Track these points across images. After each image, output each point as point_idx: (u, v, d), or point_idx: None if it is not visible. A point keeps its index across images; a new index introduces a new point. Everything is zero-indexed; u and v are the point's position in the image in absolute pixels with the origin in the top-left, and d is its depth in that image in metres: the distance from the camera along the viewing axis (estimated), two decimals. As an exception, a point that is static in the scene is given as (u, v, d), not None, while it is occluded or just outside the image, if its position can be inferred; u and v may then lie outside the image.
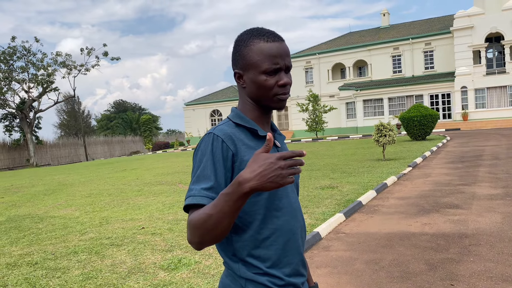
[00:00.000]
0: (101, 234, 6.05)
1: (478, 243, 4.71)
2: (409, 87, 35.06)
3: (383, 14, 44.37)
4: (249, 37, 1.28)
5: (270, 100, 1.29)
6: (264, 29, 1.30)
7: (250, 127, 1.28)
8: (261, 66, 1.25)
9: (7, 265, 4.88)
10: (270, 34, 1.28)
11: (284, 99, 1.29)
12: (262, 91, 1.27)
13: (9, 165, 37.77)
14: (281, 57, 1.26)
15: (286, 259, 1.27)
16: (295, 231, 1.30)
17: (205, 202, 1.14)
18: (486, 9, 32.48)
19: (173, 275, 4.16)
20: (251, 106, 1.32)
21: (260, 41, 1.26)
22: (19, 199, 11.02)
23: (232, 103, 45.35)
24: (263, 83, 1.26)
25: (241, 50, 1.28)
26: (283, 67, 1.27)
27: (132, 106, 70.59)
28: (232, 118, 1.30)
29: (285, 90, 1.28)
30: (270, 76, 1.26)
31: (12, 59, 37.54)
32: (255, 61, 1.26)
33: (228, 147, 1.21)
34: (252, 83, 1.27)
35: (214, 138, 1.22)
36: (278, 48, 1.26)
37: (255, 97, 1.30)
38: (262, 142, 1.29)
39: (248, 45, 1.27)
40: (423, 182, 9.10)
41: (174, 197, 8.99)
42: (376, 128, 13.41)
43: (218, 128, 1.25)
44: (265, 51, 1.25)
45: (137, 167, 18.71)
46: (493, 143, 17.24)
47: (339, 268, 4.31)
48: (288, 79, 1.28)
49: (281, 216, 1.27)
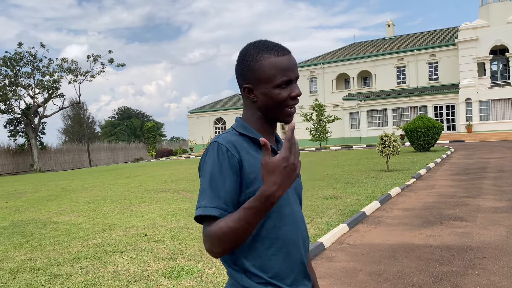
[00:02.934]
0: (104, 241, 6.05)
1: (483, 256, 4.67)
2: (413, 98, 35.05)
3: (388, 25, 44.53)
4: (257, 52, 1.29)
5: (281, 113, 1.31)
6: (270, 43, 1.32)
7: (253, 137, 1.30)
8: (274, 80, 1.27)
9: (10, 270, 4.88)
10: (279, 48, 1.30)
11: (293, 113, 1.31)
12: (274, 104, 1.29)
13: (13, 170, 37.90)
14: (292, 69, 1.29)
15: (288, 270, 1.27)
16: (297, 241, 1.30)
17: (216, 213, 1.17)
18: (491, 22, 32.55)
19: (176, 283, 4.14)
20: (258, 118, 1.33)
21: (271, 56, 1.28)
22: (23, 204, 11.04)
23: (236, 111, 45.45)
24: (276, 97, 1.28)
25: (251, 65, 1.29)
26: (294, 79, 1.30)
27: (136, 113, 70.85)
28: (236, 127, 1.32)
29: (295, 102, 1.31)
30: (283, 90, 1.28)
31: (19, 65, 37.84)
32: (269, 75, 1.27)
33: (233, 154, 1.23)
34: (265, 97, 1.29)
35: (219, 147, 1.24)
36: (288, 61, 1.29)
37: (266, 110, 1.31)
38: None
39: (258, 60, 1.28)
40: (427, 194, 9.06)
41: (177, 205, 8.99)
42: (380, 138, 13.40)
43: (222, 137, 1.27)
44: (278, 65, 1.27)
45: (141, 174, 18.73)
46: (498, 155, 17.17)
47: (342, 279, 4.28)
48: (299, 90, 1.31)
49: (283, 226, 1.27)
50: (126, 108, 70.94)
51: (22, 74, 38.27)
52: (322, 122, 34.21)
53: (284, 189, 1.08)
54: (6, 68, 37.17)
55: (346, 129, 39.01)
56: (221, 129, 47.20)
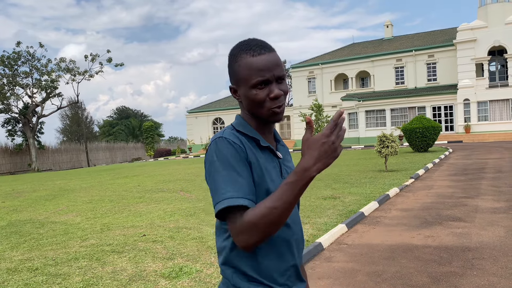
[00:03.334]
0: (102, 241, 6.03)
1: (482, 257, 4.67)
2: (411, 98, 35.11)
3: (387, 25, 44.61)
4: (238, 52, 1.28)
5: (265, 113, 1.27)
6: (252, 42, 1.29)
7: (253, 136, 1.28)
8: (249, 81, 1.25)
9: (8, 270, 4.86)
10: (257, 47, 1.26)
11: (279, 112, 1.27)
12: (255, 105, 1.27)
13: (11, 169, 37.81)
14: (268, 69, 1.24)
15: (279, 270, 1.26)
16: (291, 242, 1.28)
17: (246, 203, 1.14)
18: (490, 23, 32.62)
19: (174, 284, 4.13)
20: (250, 117, 1.33)
21: (247, 56, 1.25)
22: (20, 204, 11.01)
23: (234, 111, 45.44)
24: (253, 98, 1.25)
25: (233, 66, 1.29)
26: (273, 78, 1.25)
27: (134, 112, 70.78)
28: (236, 125, 1.31)
29: (278, 102, 1.26)
30: (260, 90, 1.25)
31: (17, 64, 37.76)
32: (244, 76, 1.26)
33: (241, 147, 1.22)
34: (245, 98, 1.28)
35: (225, 142, 1.22)
36: (264, 61, 1.24)
37: (250, 111, 1.30)
38: (263, 152, 1.29)
39: (237, 60, 1.27)
40: (425, 194, 9.07)
41: (176, 205, 8.97)
42: (379, 139, 13.40)
43: (226, 132, 1.27)
44: (252, 66, 1.24)
45: (139, 174, 18.71)
46: (496, 156, 17.20)
47: (341, 280, 4.27)
48: (279, 91, 1.25)
49: None
50: (124, 108, 70.87)
51: (20, 73, 38.20)
52: (320, 122, 34.22)
53: (322, 165, 1.09)
54: (4, 67, 37.09)
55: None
56: (219, 129, 47.07)
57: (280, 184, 1.17)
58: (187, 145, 46.82)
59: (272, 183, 1.25)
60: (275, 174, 1.30)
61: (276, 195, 1.11)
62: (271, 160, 1.31)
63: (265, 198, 1.15)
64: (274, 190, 1.24)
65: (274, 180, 1.27)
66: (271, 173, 1.27)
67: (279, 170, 1.32)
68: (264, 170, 1.25)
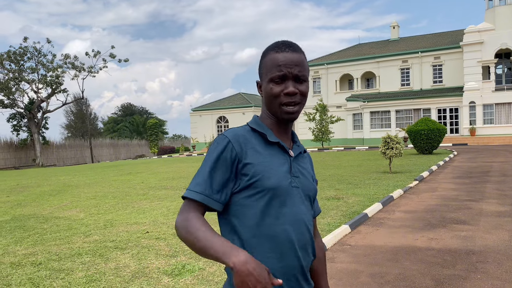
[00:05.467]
0: (106, 237, 6.05)
1: (486, 261, 4.65)
2: (417, 100, 34.97)
3: (393, 26, 44.44)
4: (267, 50, 1.35)
5: (278, 109, 1.32)
6: (282, 41, 1.35)
7: (261, 132, 1.32)
8: (268, 75, 1.31)
9: (11, 264, 4.88)
10: (284, 45, 1.33)
11: (291, 112, 1.30)
12: (270, 99, 1.32)
13: (15, 164, 37.99)
14: (286, 65, 1.29)
15: (282, 270, 1.24)
16: (294, 242, 1.26)
17: (197, 198, 1.23)
18: (497, 25, 32.44)
19: (176, 281, 4.13)
20: (267, 115, 1.37)
21: (272, 52, 1.32)
22: (25, 198, 11.06)
23: (239, 110, 45.44)
24: (270, 91, 1.31)
25: (260, 62, 1.37)
26: (290, 75, 1.29)
27: (139, 110, 70.92)
28: (250, 123, 1.37)
29: (290, 99, 1.29)
30: (277, 85, 1.30)
31: (23, 59, 37.91)
32: (265, 71, 1.33)
33: (233, 147, 1.26)
34: (264, 92, 1.34)
35: (222, 138, 1.29)
36: (285, 57, 1.30)
37: (268, 106, 1.35)
38: (272, 148, 1.31)
39: (264, 57, 1.35)
40: (429, 197, 9.03)
41: (179, 203, 8.98)
42: (383, 140, 13.36)
43: (231, 129, 1.32)
44: (273, 61, 1.31)
45: (142, 171, 18.74)
46: (501, 159, 17.11)
47: (344, 281, 4.26)
48: (293, 88, 1.29)
49: (280, 225, 1.25)
50: (129, 105, 71.02)
51: (26, 69, 38.35)
52: (325, 123, 34.16)
53: (241, 274, 1.05)
54: (10, 62, 37.25)
55: (349, 130, 38.95)
56: (223, 128, 47.18)
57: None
58: (191, 143, 46.84)
59: (274, 180, 1.26)
60: (282, 170, 1.30)
61: (206, 236, 1.15)
62: (280, 157, 1.32)
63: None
64: (274, 186, 1.26)
65: (277, 177, 1.27)
66: (275, 170, 1.28)
67: (289, 167, 1.32)
68: (268, 168, 1.26)
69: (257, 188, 1.24)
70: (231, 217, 1.27)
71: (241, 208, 1.26)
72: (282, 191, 1.26)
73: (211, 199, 1.24)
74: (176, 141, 70.42)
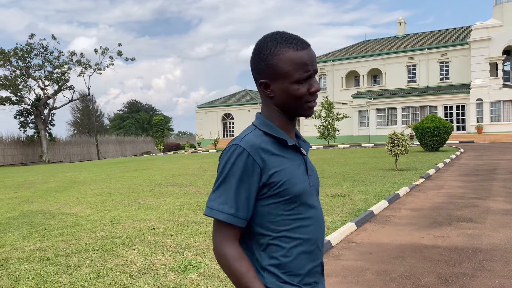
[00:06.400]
0: (112, 233, 6.08)
1: (492, 259, 4.63)
2: (423, 97, 34.77)
3: (400, 23, 44.15)
4: (275, 45, 1.22)
5: (301, 108, 1.27)
6: (289, 35, 1.25)
7: (279, 137, 1.25)
8: (293, 76, 1.22)
9: (19, 260, 4.93)
10: (299, 41, 1.24)
11: (314, 106, 1.28)
12: (293, 100, 1.25)
13: (22, 160, 38.28)
14: (312, 64, 1.25)
15: (309, 268, 1.26)
16: (319, 242, 1.29)
17: (221, 218, 1.19)
18: (505, 22, 32.13)
19: (183, 277, 4.16)
20: (278, 114, 1.29)
21: (290, 50, 1.22)
22: (32, 194, 11.14)
23: (244, 107, 45.44)
24: (295, 93, 1.23)
25: (268, 60, 1.23)
26: (313, 73, 1.26)
27: (145, 106, 71.11)
28: (259, 125, 1.27)
29: (315, 97, 1.27)
30: (302, 85, 1.24)
31: (30, 56, 38.11)
32: (287, 71, 1.22)
33: (254, 161, 1.19)
34: (283, 93, 1.24)
35: (239, 152, 1.19)
36: (308, 56, 1.24)
37: (284, 106, 1.27)
38: (289, 151, 1.27)
39: (276, 54, 1.22)
40: (436, 194, 8.99)
41: (185, 199, 9.01)
42: (390, 137, 13.30)
43: (245, 139, 1.21)
44: (297, 60, 1.22)
45: (148, 168, 18.81)
46: (508, 157, 16.98)
47: (349, 278, 4.26)
48: (318, 85, 1.27)
49: (308, 226, 1.26)
50: (135, 102, 71.24)
51: (33, 65, 38.56)
52: (330, 120, 34.06)
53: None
54: (17, 59, 37.46)
55: (354, 127, 38.82)
56: (229, 125, 47.22)
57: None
58: (196, 140, 46.90)
59: (300, 186, 1.24)
60: (301, 173, 1.27)
61: (238, 273, 1.18)
62: (296, 159, 1.29)
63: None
64: (301, 192, 1.24)
65: (301, 181, 1.25)
66: (297, 174, 1.25)
67: (305, 168, 1.31)
68: (292, 174, 1.23)
69: (285, 196, 1.21)
70: (256, 226, 1.24)
71: (268, 216, 1.22)
72: (306, 195, 1.26)
73: (240, 219, 1.20)
74: (181, 138, 70.59)
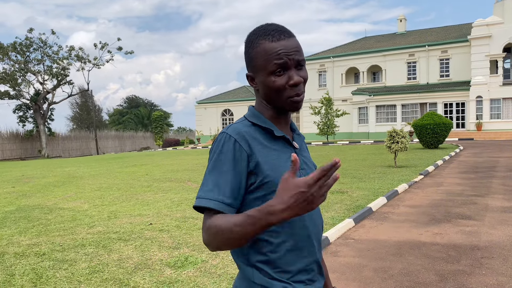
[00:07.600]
0: (109, 228, 6.06)
1: (491, 256, 4.61)
2: (423, 94, 34.72)
3: (400, 20, 44.04)
4: (255, 38, 1.22)
5: (284, 102, 1.22)
6: (270, 27, 1.22)
7: (266, 127, 1.23)
8: (267, 67, 1.19)
9: (15, 254, 4.91)
10: (276, 32, 1.20)
11: (298, 101, 1.21)
12: (273, 93, 1.21)
13: (21, 155, 38.22)
14: (287, 53, 1.18)
15: (301, 265, 1.22)
16: (312, 237, 1.25)
17: (211, 206, 1.12)
18: (506, 19, 32.03)
19: (179, 273, 4.13)
20: (265, 107, 1.27)
21: (265, 41, 1.19)
22: (30, 189, 11.11)
23: (244, 103, 45.37)
24: (272, 85, 1.20)
25: (249, 53, 1.24)
26: (292, 64, 1.19)
27: (144, 102, 71.00)
28: (248, 117, 1.26)
29: (297, 90, 1.20)
30: (279, 77, 1.19)
31: (29, 51, 37.97)
32: (261, 63, 1.20)
33: (241, 147, 1.17)
34: (263, 86, 1.22)
35: (226, 138, 1.18)
36: (283, 46, 1.18)
37: (269, 99, 1.24)
38: (278, 142, 1.24)
39: (254, 46, 1.22)
40: (434, 191, 8.97)
41: (183, 195, 8.99)
42: (389, 134, 13.27)
43: (232, 127, 1.21)
44: (270, 51, 1.18)
45: (147, 163, 18.79)
46: (508, 154, 16.97)
47: (347, 275, 4.24)
48: (298, 77, 1.19)
49: (299, 221, 1.21)
50: (134, 97, 71.11)
51: (32, 60, 38.43)
52: (330, 116, 34.02)
53: (292, 214, 0.97)
54: (16, 53, 37.33)
55: (354, 124, 38.79)
56: (228, 121, 47.16)
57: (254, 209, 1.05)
58: (196, 136, 46.86)
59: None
60: (290, 166, 1.24)
61: (238, 220, 1.04)
62: (286, 151, 1.25)
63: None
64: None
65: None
66: (286, 167, 1.21)
67: None
68: (277, 166, 1.19)
69: (270, 189, 1.17)
70: None
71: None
72: None
73: (227, 205, 1.14)
74: (181, 133, 70.55)
